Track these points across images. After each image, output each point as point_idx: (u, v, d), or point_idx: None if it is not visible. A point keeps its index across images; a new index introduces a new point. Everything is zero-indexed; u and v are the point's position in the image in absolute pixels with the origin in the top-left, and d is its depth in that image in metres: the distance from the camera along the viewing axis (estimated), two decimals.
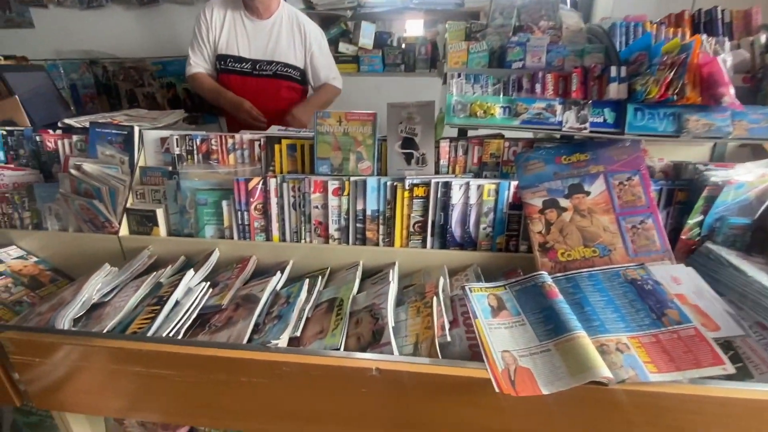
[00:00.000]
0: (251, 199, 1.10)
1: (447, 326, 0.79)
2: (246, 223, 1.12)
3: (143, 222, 1.17)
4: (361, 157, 1.11)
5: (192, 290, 0.95)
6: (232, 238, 1.13)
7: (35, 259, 1.23)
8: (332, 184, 1.07)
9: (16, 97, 1.29)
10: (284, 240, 1.13)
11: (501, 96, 0.93)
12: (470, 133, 1.16)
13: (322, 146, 1.12)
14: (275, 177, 1.10)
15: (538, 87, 0.93)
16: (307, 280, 0.95)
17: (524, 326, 0.78)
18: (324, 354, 0.74)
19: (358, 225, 1.09)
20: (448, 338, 0.77)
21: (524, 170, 1.02)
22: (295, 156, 1.16)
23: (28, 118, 1.32)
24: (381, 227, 1.08)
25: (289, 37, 1.73)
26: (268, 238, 1.13)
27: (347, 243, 1.11)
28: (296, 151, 1.16)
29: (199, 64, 1.71)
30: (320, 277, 1.03)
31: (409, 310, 0.86)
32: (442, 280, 0.92)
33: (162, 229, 1.17)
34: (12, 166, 1.25)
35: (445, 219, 1.04)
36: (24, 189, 1.21)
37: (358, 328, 0.83)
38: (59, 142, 1.24)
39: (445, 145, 1.08)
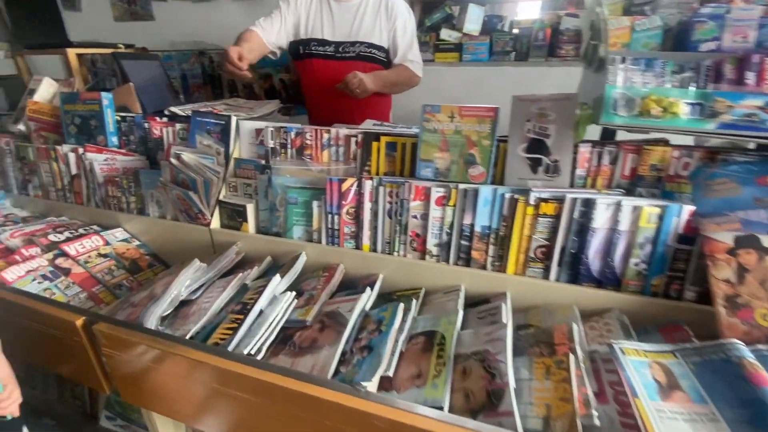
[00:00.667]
0: (343, 202, 0.98)
1: (593, 401, 0.58)
2: (336, 227, 1.00)
3: (233, 216, 1.12)
4: (473, 160, 0.92)
5: (277, 299, 0.87)
6: (320, 242, 1.03)
7: (137, 243, 1.27)
8: (436, 192, 0.90)
9: (131, 84, 1.34)
10: (375, 250, 1.00)
11: (690, 88, 0.67)
12: (619, 135, 0.91)
13: (426, 146, 0.95)
14: (371, 179, 0.96)
15: (750, 76, 0.65)
16: (401, 305, 0.80)
17: (717, 424, 0.54)
18: (426, 414, 0.59)
19: (463, 242, 0.91)
20: (596, 421, 0.56)
21: (705, 191, 0.74)
22: (394, 156, 1.02)
23: (140, 105, 1.37)
24: (491, 248, 0.89)
25: (374, 16, 1.59)
26: (358, 246, 1.01)
27: (447, 262, 0.94)
28: (396, 150, 1.01)
29: (261, 26, 1.58)
30: (414, 300, 0.87)
31: (534, 368, 0.66)
32: (576, 328, 0.70)
33: (251, 225, 1.11)
34: (123, 151, 1.30)
35: (581, 246, 0.81)
36: (131, 174, 1.24)
37: (465, 381, 0.66)
38: (164, 130, 1.25)
39: (585, 151, 0.85)
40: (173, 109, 1.30)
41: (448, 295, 0.91)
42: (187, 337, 0.80)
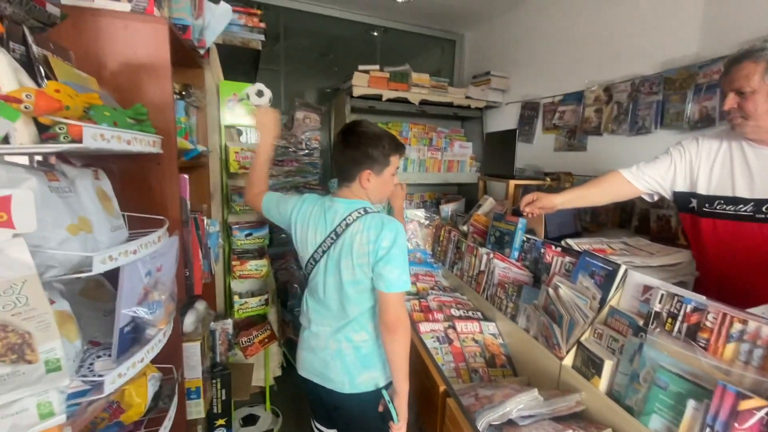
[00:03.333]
0: (735, 425, 0.72)
1: None
2: None
3: (588, 364, 1.09)
4: None
5: None
6: None
7: (501, 341, 1.50)
8: None
9: (543, 214, 1.62)
10: None
11: None
12: None
13: None
14: None
15: None
16: None
17: None
18: None
19: None
20: None
21: None
22: None
23: (545, 231, 1.63)
24: None
25: None
26: None
27: None
28: None
29: (634, 170, 1.40)
30: None
31: None
32: None
33: (603, 382, 1.04)
34: (519, 264, 1.59)
35: None
36: (517, 285, 1.50)
37: None
38: (555, 258, 1.42)
39: None
40: (569, 241, 1.45)
41: None
42: None
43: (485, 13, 3.22)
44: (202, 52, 1.37)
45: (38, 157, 0.86)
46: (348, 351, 1.18)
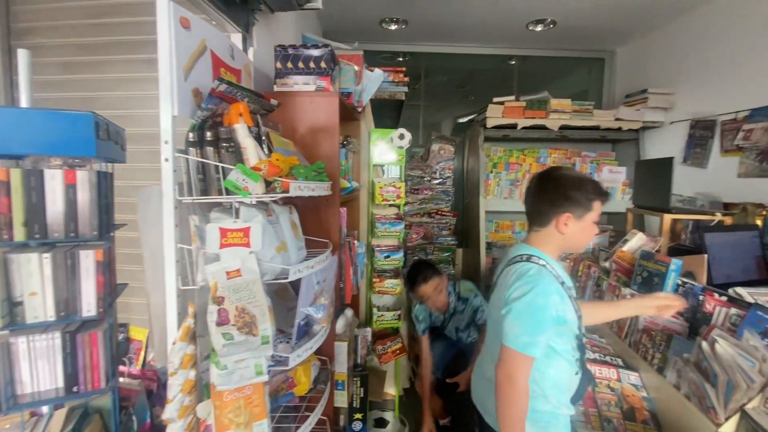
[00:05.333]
0: None
1: None
2: None
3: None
4: None
5: None
6: None
7: (644, 395, 1.35)
8: None
9: (705, 255, 1.41)
10: None
11: None
12: None
13: None
14: None
15: None
16: None
17: None
18: None
19: None
20: None
21: None
22: None
23: (707, 275, 1.41)
24: None
25: None
26: None
27: None
28: None
29: None
30: None
31: None
32: None
33: None
34: None
35: None
36: (666, 334, 1.34)
37: None
38: (717, 308, 1.23)
39: None
40: (740, 290, 1.24)
41: None
42: None
43: (642, 26, 2.93)
44: (359, 110, 1.72)
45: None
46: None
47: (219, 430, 0.85)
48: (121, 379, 1.47)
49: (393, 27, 2.94)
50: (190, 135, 0.96)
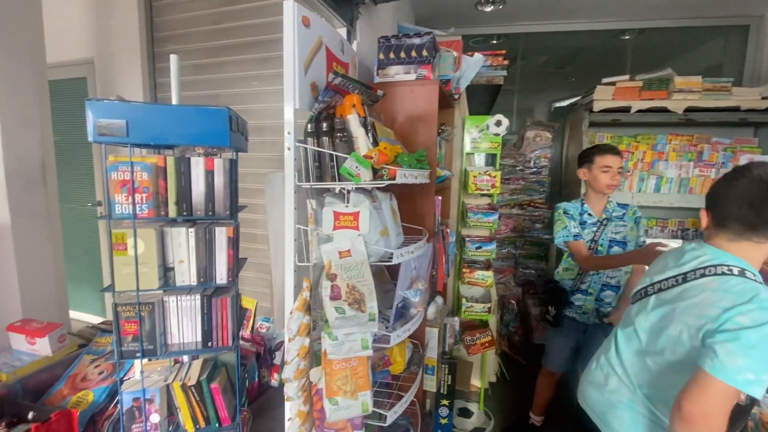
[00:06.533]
0: None
1: None
2: None
3: None
4: None
5: None
6: None
7: None
8: None
9: None
10: None
11: None
12: None
13: None
14: None
15: None
16: None
17: None
18: None
19: None
20: None
21: None
22: None
23: None
24: None
25: None
26: None
27: None
28: None
29: None
30: None
31: None
32: None
33: None
34: None
35: None
36: None
37: None
38: None
39: None
40: None
41: None
42: None
43: None
44: (457, 97, 1.69)
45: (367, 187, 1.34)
46: (638, 408, 1.00)
47: (329, 394, 0.93)
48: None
49: (489, 9, 2.81)
50: (308, 126, 1.04)
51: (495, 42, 3.37)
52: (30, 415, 1.66)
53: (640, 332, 1.02)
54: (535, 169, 3.04)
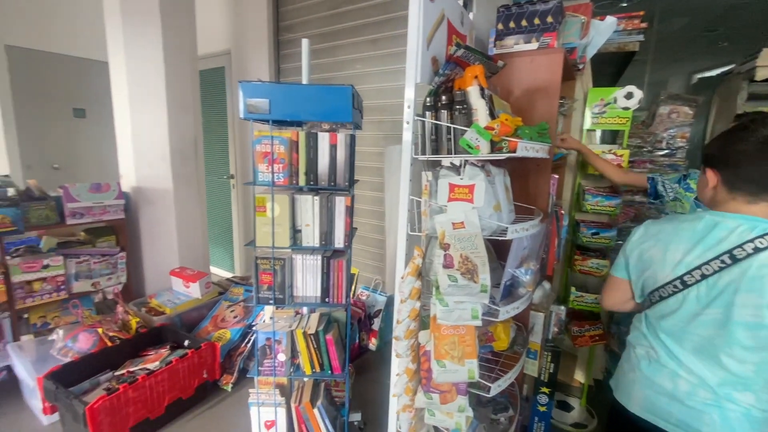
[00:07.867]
0: None
1: None
2: None
3: None
4: None
5: None
6: None
7: None
8: None
9: None
10: None
11: None
12: None
13: None
14: None
15: None
16: None
17: None
18: None
19: None
20: None
21: None
22: None
23: None
24: None
25: None
26: None
27: None
28: None
29: None
30: None
31: None
32: None
33: None
34: None
35: None
36: None
37: None
38: None
39: None
40: None
41: None
42: None
43: None
44: (581, 67, 1.55)
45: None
46: (732, 408, 0.91)
47: (437, 356, 0.98)
48: None
49: None
50: (428, 100, 1.07)
51: (625, 5, 2.95)
52: (186, 343, 2.08)
53: (700, 327, 0.92)
54: (668, 151, 2.62)
